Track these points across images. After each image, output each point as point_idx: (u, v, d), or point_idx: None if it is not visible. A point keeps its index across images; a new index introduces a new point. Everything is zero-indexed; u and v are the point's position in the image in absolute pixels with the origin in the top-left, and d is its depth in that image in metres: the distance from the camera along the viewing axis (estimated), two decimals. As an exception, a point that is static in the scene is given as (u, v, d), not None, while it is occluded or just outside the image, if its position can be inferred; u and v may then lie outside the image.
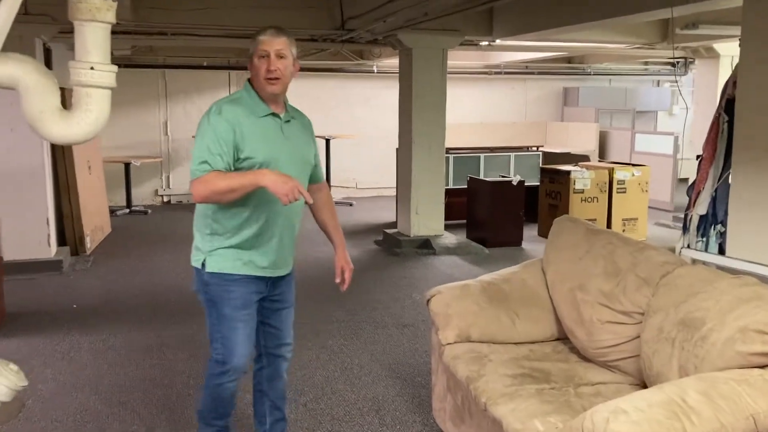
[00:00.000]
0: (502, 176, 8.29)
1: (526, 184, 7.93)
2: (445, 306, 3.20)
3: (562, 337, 3.24)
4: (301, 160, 2.77)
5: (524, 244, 7.80)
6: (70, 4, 2.06)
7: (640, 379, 2.78)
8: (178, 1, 6.69)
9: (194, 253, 2.75)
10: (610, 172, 8.07)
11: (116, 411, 3.62)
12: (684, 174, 10.54)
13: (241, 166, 2.57)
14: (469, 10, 6.08)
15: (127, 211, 9.83)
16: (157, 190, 10.94)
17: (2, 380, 1.91)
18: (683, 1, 4.65)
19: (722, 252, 3.87)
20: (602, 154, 11.52)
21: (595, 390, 2.69)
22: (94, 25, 2.10)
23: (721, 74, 8.36)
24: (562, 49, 9.94)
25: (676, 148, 10.03)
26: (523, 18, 6.91)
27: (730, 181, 3.77)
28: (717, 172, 3.96)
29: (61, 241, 7.02)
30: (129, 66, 10.06)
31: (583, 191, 7.95)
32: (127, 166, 9.74)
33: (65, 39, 6.89)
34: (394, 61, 9.72)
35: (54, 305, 5.52)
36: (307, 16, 7.22)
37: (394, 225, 8.42)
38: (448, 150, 8.08)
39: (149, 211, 9.91)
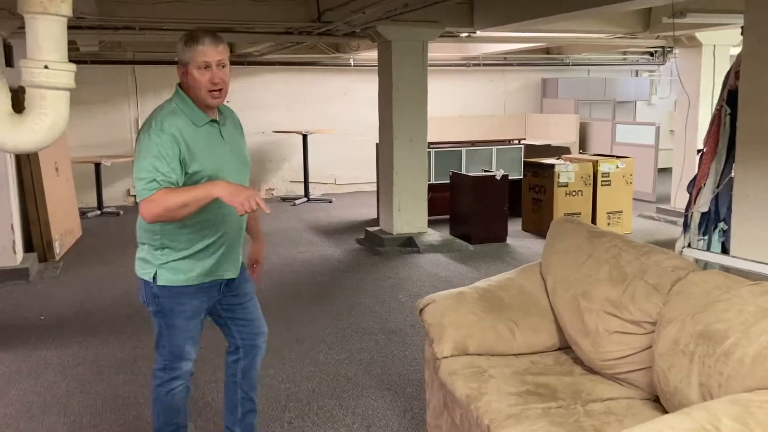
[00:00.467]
0: (485, 171, 8.11)
1: (508, 178, 7.76)
2: (440, 316, 2.99)
3: (564, 347, 3.05)
4: (243, 162, 2.73)
5: (509, 240, 7.63)
6: (18, -5, 1.81)
7: (651, 393, 2.59)
8: (145, -6, 6.41)
9: (141, 265, 2.66)
10: (595, 164, 7.92)
11: (87, 435, 3.38)
12: (663, 164, 10.44)
13: (191, 180, 2.49)
14: (450, 1, 5.89)
15: (99, 212, 9.50)
16: (129, 190, 10.59)
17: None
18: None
19: (725, 251, 3.70)
20: (583, 146, 11.40)
21: (606, 407, 2.50)
22: (48, 19, 1.86)
23: (704, 63, 8.25)
24: (544, 39, 9.77)
25: (658, 138, 9.94)
26: (505, 8, 6.72)
27: (733, 176, 3.59)
28: (719, 167, 3.78)
29: (28, 248, 6.70)
30: (97, 62, 9.73)
31: (567, 185, 7.79)
32: (98, 166, 9.39)
33: (28, 35, 6.57)
34: (371, 54, 9.48)
35: (19, 318, 5.22)
36: (281, 8, 6.95)
37: (375, 222, 8.21)
38: (428, 145, 7.87)
39: (121, 212, 9.58)
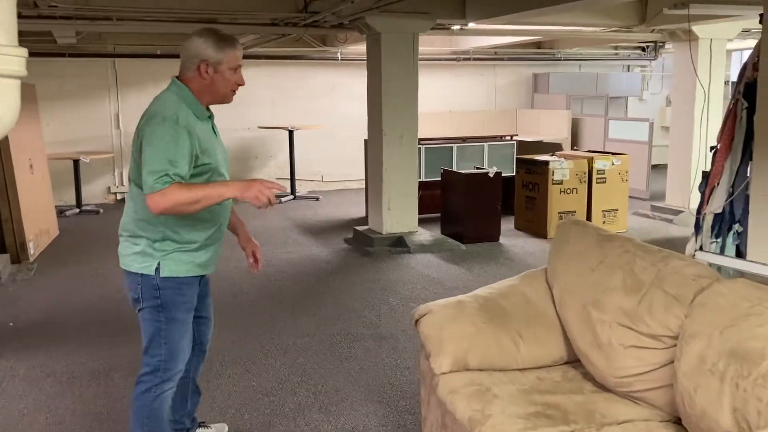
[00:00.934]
0: (477, 168, 7.87)
1: (501, 176, 7.53)
2: (438, 328, 2.74)
3: (571, 360, 2.81)
4: (226, 156, 2.77)
5: (502, 239, 7.40)
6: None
7: (671, 413, 2.36)
8: (124, -17, 6.13)
9: (139, 259, 2.58)
10: (590, 161, 7.70)
11: (53, 456, 3.11)
12: (655, 161, 10.22)
13: (197, 172, 2.51)
14: (442, -9, 5.66)
15: (78, 211, 9.17)
16: (109, 188, 10.28)
17: None
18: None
19: (740, 255, 3.48)
20: (575, 142, 11.18)
21: (623, 431, 2.27)
22: (-12, -6, 1.58)
23: (700, 57, 8.03)
24: (538, 33, 9.54)
25: (652, 134, 9.74)
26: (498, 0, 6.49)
27: (749, 175, 3.36)
28: (734, 165, 3.56)
29: (0, 249, 6.40)
30: (75, 55, 9.43)
31: (561, 182, 7.57)
32: (76, 162, 9.06)
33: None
34: (359, 48, 9.23)
35: (-12, 324, 4.93)
36: (267, -2, 6.69)
37: (364, 221, 7.94)
38: (418, 141, 7.61)
39: (101, 211, 9.26)
